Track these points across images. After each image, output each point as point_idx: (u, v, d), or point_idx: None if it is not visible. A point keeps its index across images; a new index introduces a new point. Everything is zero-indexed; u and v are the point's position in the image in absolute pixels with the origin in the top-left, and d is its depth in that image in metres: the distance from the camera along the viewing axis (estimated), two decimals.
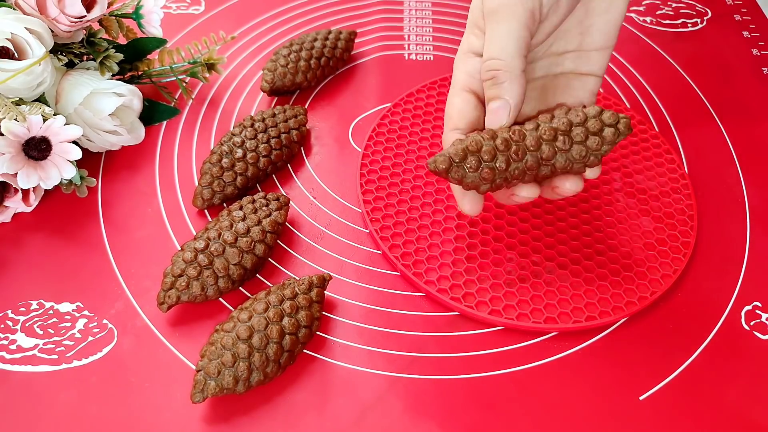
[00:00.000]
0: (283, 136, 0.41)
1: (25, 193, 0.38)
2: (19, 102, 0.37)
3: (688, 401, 0.32)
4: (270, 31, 0.53)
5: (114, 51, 0.42)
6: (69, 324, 0.34)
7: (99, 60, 0.41)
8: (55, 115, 0.37)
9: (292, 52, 0.46)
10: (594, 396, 0.32)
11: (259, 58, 0.50)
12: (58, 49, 0.41)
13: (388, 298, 0.36)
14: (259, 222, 0.36)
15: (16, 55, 0.37)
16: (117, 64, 0.42)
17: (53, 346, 0.34)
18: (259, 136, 0.41)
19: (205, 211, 0.40)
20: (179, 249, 0.36)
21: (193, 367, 0.33)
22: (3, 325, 0.34)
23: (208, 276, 0.34)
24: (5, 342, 0.34)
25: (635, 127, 0.44)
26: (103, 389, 0.32)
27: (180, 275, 0.34)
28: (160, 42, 0.45)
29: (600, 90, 0.48)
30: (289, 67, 0.45)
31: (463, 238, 0.38)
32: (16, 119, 0.35)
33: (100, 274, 0.37)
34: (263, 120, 0.42)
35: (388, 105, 0.46)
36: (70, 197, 0.41)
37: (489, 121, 0.30)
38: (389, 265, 0.38)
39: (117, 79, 0.43)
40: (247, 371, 0.30)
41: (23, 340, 0.34)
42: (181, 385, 0.32)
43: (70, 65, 0.42)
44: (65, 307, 0.35)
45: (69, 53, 0.41)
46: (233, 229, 0.35)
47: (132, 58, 0.45)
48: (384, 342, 0.34)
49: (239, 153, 0.40)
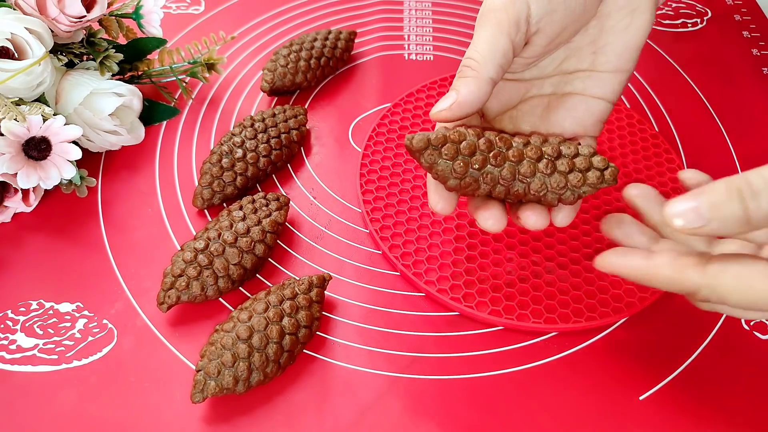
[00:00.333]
0: (283, 136, 0.41)
1: (25, 193, 0.38)
2: (19, 102, 0.37)
3: (688, 401, 0.32)
4: (270, 31, 0.53)
5: (114, 51, 0.42)
6: (69, 324, 0.34)
7: (99, 60, 0.41)
8: (55, 115, 0.37)
9: (292, 52, 0.46)
10: (594, 396, 0.32)
11: (259, 58, 0.50)
12: (58, 49, 0.41)
13: (388, 298, 0.36)
14: (259, 222, 0.36)
15: (16, 55, 0.37)
16: (117, 64, 0.42)
17: (53, 346, 0.34)
18: (259, 136, 0.41)
19: (205, 211, 0.40)
20: (179, 249, 0.36)
21: (193, 367, 0.33)
22: (3, 325, 0.34)
23: (208, 276, 0.34)
24: (5, 342, 0.34)
25: (635, 127, 0.44)
26: (102, 389, 0.32)
27: (180, 275, 0.34)
28: (160, 42, 0.45)
29: None
30: (289, 67, 0.45)
31: (463, 238, 0.38)
32: (16, 119, 0.35)
33: (100, 274, 0.37)
34: (263, 120, 0.42)
35: (388, 105, 0.46)
36: (70, 197, 0.41)
37: (435, 107, 0.29)
38: (389, 265, 0.38)
39: (117, 79, 0.43)
40: (247, 371, 0.30)
41: (23, 340, 0.34)
42: (181, 385, 0.32)
43: (70, 65, 0.42)
44: (65, 307, 0.35)
45: (69, 53, 0.41)
46: (233, 229, 0.35)
47: (132, 58, 0.45)
48: (384, 342, 0.34)
49: (239, 153, 0.40)
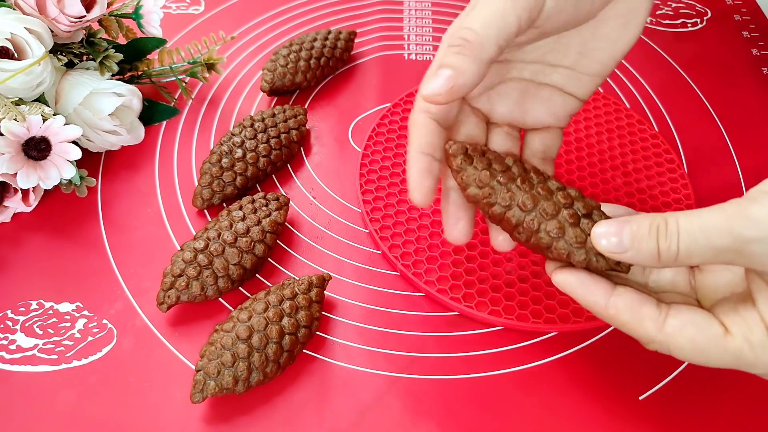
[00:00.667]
0: (282, 136, 0.41)
1: (25, 193, 0.38)
2: (19, 102, 0.37)
3: (688, 401, 0.32)
4: (270, 31, 0.53)
5: (114, 51, 0.42)
6: (69, 324, 0.34)
7: (99, 60, 0.41)
8: (54, 115, 0.37)
9: (291, 52, 0.46)
10: (594, 396, 0.32)
11: (258, 58, 0.50)
12: (57, 49, 0.41)
13: (388, 298, 0.36)
14: (259, 222, 0.36)
15: (16, 55, 0.37)
16: (117, 64, 0.42)
17: (53, 346, 0.34)
18: (259, 136, 0.41)
19: (205, 211, 0.40)
20: (179, 249, 0.36)
21: (193, 367, 0.33)
22: (3, 325, 0.34)
23: (207, 276, 0.34)
24: (5, 342, 0.34)
25: (634, 127, 0.44)
26: (102, 389, 0.32)
27: (179, 275, 0.34)
28: (159, 42, 0.45)
29: (599, 89, 0.48)
30: (288, 67, 0.45)
31: None
32: (15, 119, 0.35)
33: (100, 274, 0.37)
34: (263, 120, 0.42)
35: (388, 105, 0.46)
36: (70, 197, 0.41)
37: (425, 82, 0.26)
38: (389, 265, 0.38)
39: (117, 79, 0.43)
40: (247, 371, 0.30)
41: (23, 340, 0.34)
42: (181, 385, 0.32)
43: (70, 65, 0.42)
44: (65, 307, 0.35)
45: (69, 53, 0.41)
46: (233, 229, 0.35)
47: (132, 58, 0.45)
48: (384, 342, 0.34)
49: (239, 153, 0.39)
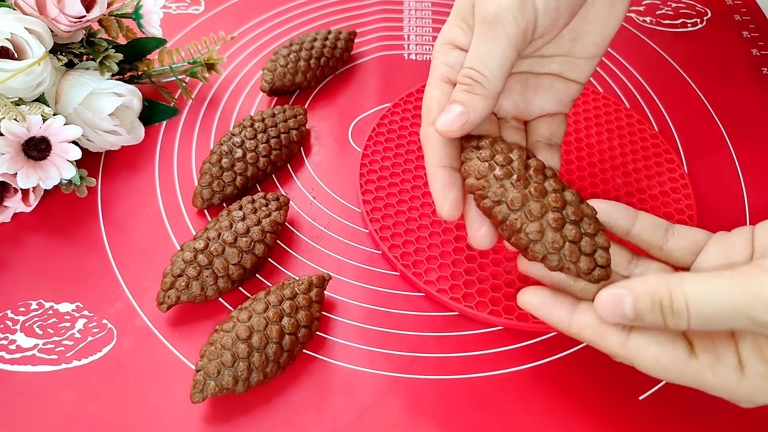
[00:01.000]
0: (282, 136, 0.41)
1: (25, 193, 0.38)
2: (19, 102, 0.37)
3: (688, 401, 0.32)
4: (270, 31, 0.53)
5: (114, 51, 0.42)
6: (69, 324, 0.34)
7: (99, 60, 0.41)
8: (54, 115, 0.37)
9: (291, 52, 0.46)
10: (594, 396, 0.32)
11: (258, 58, 0.50)
12: (57, 49, 0.41)
13: (388, 298, 0.36)
14: (259, 222, 0.36)
15: (16, 55, 0.37)
16: (117, 64, 0.42)
17: (53, 346, 0.34)
18: (259, 136, 0.41)
19: (205, 211, 0.40)
20: (179, 249, 0.36)
21: (193, 367, 0.33)
22: (3, 325, 0.34)
23: (207, 276, 0.34)
24: (5, 342, 0.34)
25: (634, 127, 0.44)
26: (102, 389, 0.32)
27: (179, 275, 0.34)
28: (159, 42, 0.45)
29: (600, 89, 0.48)
30: (288, 67, 0.45)
31: (463, 237, 0.38)
32: (15, 119, 0.35)
33: (100, 274, 0.37)
34: (263, 120, 0.42)
35: (388, 105, 0.46)
36: (70, 197, 0.41)
37: (441, 118, 0.28)
38: (389, 265, 0.38)
39: (117, 79, 0.43)
40: (247, 371, 0.30)
41: (23, 340, 0.34)
42: (181, 385, 0.32)
43: (70, 65, 0.42)
44: (65, 307, 0.35)
45: (69, 53, 0.41)
46: (233, 229, 0.35)
47: (132, 58, 0.45)
48: (384, 342, 0.34)
49: (239, 153, 0.39)
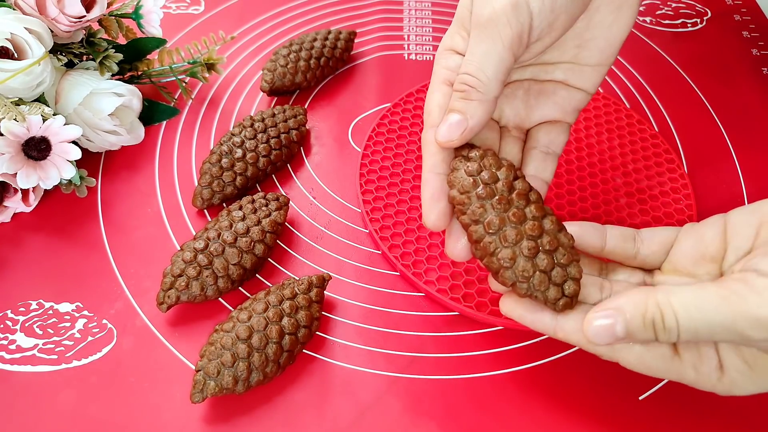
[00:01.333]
0: (282, 136, 0.41)
1: (25, 193, 0.38)
2: (19, 102, 0.37)
3: (688, 401, 0.32)
4: (270, 31, 0.53)
5: (114, 51, 0.42)
6: (68, 324, 0.34)
7: (99, 60, 0.41)
8: (54, 115, 0.37)
9: (291, 52, 0.46)
10: (594, 396, 0.32)
11: (258, 58, 0.50)
12: (57, 49, 0.41)
13: (388, 298, 0.36)
14: (259, 222, 0.36)
15: (16, 55, 0.37)
16: (117, 64, 0.42)
17: (53, 346, 0.34)
18: (259, 136, 0.41)
19: (205, 211, 0.40)
20: (179, 249, 0.36)
21: (193, 367, 0.33)
22: (3, 325, 0.34)
23: (207, 276, 0.34)
24: (5, 342, 0.34)
25: (634, 127, 0.44)
26: (102, 389, 0.32)
27: (179, 275, 0.34)
28: (159, 42, 0.45)
29: (599, 89, 0.48)
30: (288, 67, 0.45)
31: None
32: (15, 119, 0.35)
33: (100, 274, 0.37)
34: (263, 120, 0.42)
35: (388, 105, 0.46)
36: (70, 197, 0.41)
37: (440, 130, 0.28)
38: (389, 265, 0.38)
39: (116, 79, 0.43)
40: (247, 371, 0.30)
41: (23, 340, 0.34)
42: (181, 385, 0.32)
43: (70, 65, 0.42)
44: (65, 307, 0.35)
45: (69, 53, 0.41)
46: (233, 229, 0.35)
47: (132, 58, 0.45)
48: (384, 342, 0.34)
49: (239, 153, 0.39)
